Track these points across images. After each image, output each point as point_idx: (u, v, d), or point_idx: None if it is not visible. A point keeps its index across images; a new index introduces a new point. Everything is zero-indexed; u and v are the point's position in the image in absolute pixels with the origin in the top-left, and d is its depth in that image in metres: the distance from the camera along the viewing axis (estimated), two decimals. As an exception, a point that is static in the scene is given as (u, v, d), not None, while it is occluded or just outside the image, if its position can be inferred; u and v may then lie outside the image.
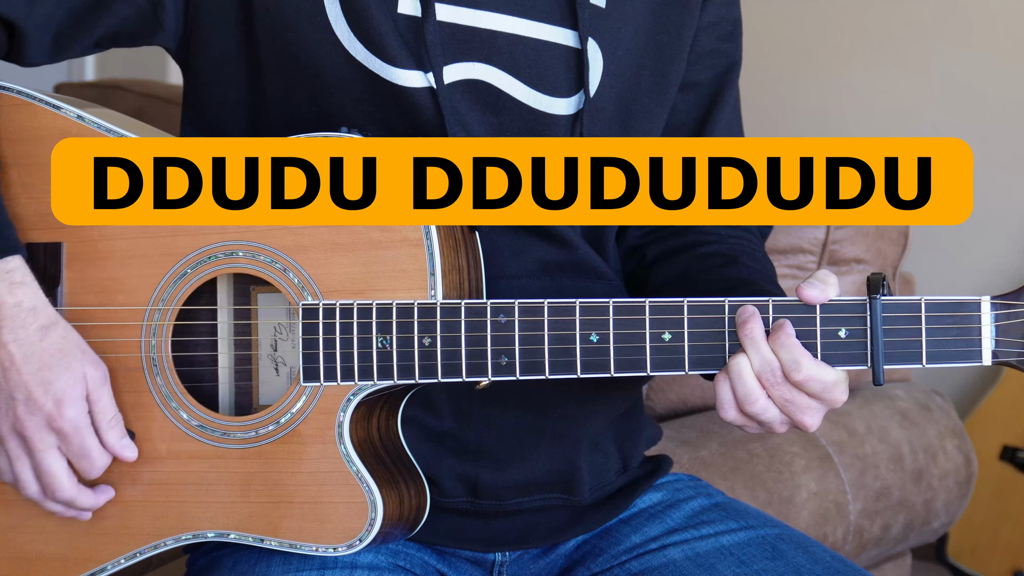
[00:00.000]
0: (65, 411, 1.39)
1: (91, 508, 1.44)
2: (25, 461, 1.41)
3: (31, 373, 1.38)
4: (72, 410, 1.39)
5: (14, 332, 1.38)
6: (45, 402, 1.38)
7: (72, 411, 1.39)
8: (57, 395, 1.38)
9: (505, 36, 1.46)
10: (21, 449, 1.40)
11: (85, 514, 1.45)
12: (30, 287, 1.40)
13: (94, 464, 1.41)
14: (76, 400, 1.39)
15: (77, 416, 1.39)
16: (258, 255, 1.41)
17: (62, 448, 1.40)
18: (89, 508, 1.44)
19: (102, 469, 1.42)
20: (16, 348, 1.38)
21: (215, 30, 1.48)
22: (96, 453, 1.41)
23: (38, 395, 1.38)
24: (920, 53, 3.42)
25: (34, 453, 1.40)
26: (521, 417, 1.50)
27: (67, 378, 1.39)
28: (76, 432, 1.40)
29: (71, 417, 1.39)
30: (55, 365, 1.39)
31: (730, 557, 1.51)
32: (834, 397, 1.33)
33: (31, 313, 1.39)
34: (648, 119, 1.55)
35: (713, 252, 1.56)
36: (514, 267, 1.48)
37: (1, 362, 1.38)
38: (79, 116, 1.46)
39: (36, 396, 1.38)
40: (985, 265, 3.35)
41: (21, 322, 1.38)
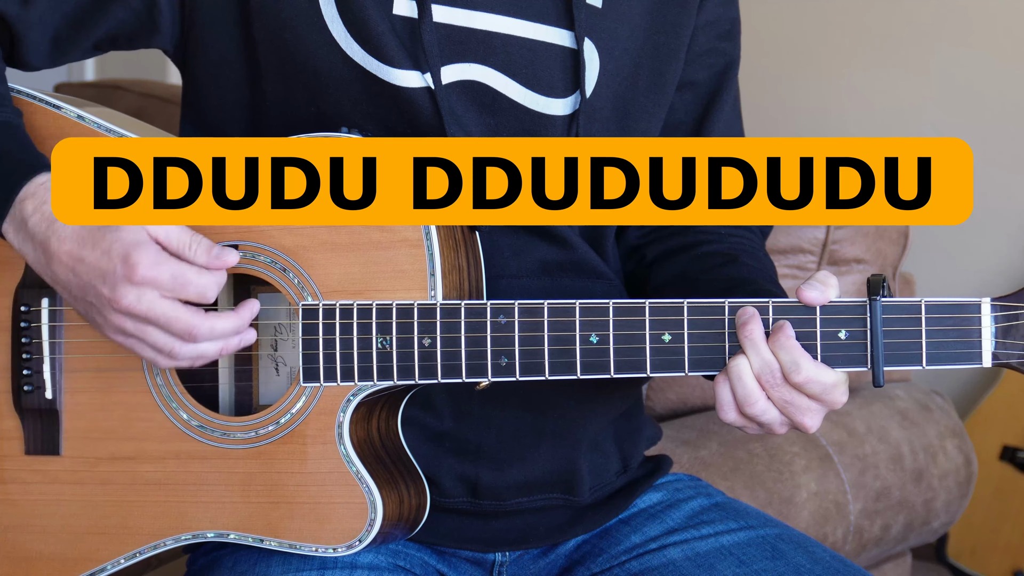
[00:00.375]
0: (135, 259, 1.32)
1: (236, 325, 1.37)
2: (151, 331, 1.35)
3: (92, 252, 1.34)
4: (141, 254, 1.33)
5: (60, 233, 1.35)
6: (115, 266, 1.33)
7: (142, 254, 1.33)
8: (121, 252, 1.33)
9: (501, 37, 1.46)
10: (138, 322, 1.35)
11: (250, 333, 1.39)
12: None
13: (199, 286, 1.34)
14: (141, 245, 1.33)
15: (150, 256, 1.33)
16: (258, 255, 1.41)
17: (163, 292, 1.34)
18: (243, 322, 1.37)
19: (214, 287, 1.35)
20: (69, 245, 1.35)
21: (213, 32, 1.48)
22: (193, 275, 1.34)
23: (106, 265, 1.33)
24: (920, 53, 3.42)
25: (144, 314, 1.34)
26: (521, 417, 1.51)
27: (123, 233, 1.34)
28: (158, 269, 1.33)
29: (143, 260, 1.33)
30: (107, 232, 1.34)
31: (730, 557, 1.51)
32: (834, 399, 1.32)
33: None
34: (646, 119, 1.55)
35: (713, 252, 1.56)
36: (514, 267, 1.48)
37: (68, 267, 1.35)
38: (79, 116, 1.46)
39: (106, 267, 1.33)
40: (985, 265, 3.35)
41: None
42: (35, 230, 1.37)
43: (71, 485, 1.47)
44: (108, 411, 1.47)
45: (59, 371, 1.48)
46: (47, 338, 1.48)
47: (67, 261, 1.35)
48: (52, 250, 1.36)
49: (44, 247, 1.36)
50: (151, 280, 1.33)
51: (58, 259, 1.36)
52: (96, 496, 1.47)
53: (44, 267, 1.38)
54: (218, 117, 1.53)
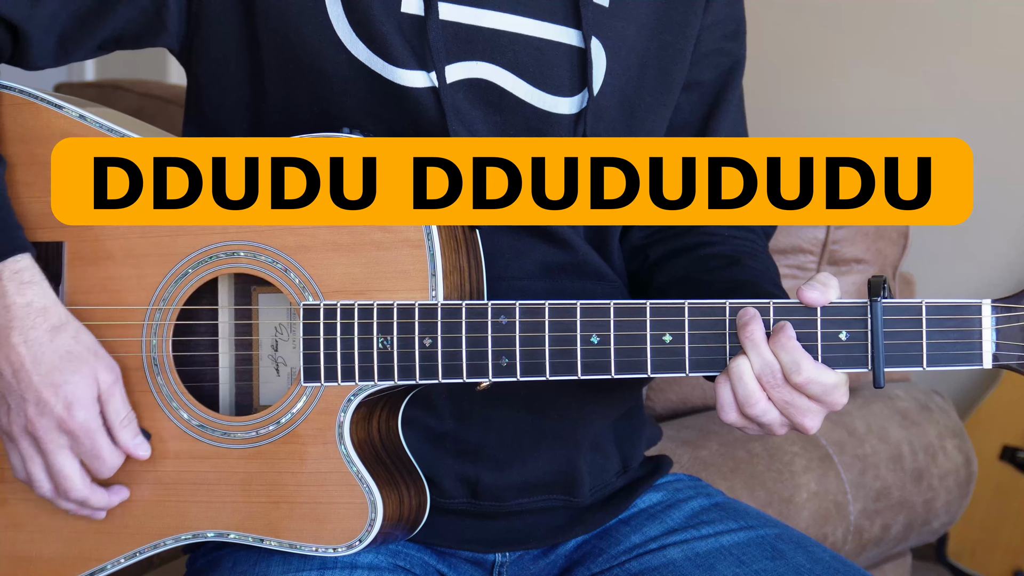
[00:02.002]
0: (76, 413, 1.38)
1: (104, 507, 1.44)
2: (37, 461, 1.41)
3: (41, 375, 1.38)
4: (82, 412, 1.39)
5: (24, 333, 1.38)
6: (55, 404, 1.38)
7: (82, 413, 1.39)
8: (67, 398, 1.38)
9: (508, 35, 1.46)
10: (33, 449, 1.40)
11: (99, 513, 1.44)
12: (40, 286, 1.40)
13: (105, 464, 1.41)
14: (87, 402, 1.39)
15: (88, 418, 1.39)
16: (259, 255, 1.41)
17: (74, 448, 1.40)
18: (103, 507, 1.44)
19: (114, 469, 1.42)
20: (26, 350, 1.38)
21: (217, 31, 1.48)
22: (107, 453, 1.41)
23: (48, 397, 1.38)
24: (920, 53, 3.42)
25: (46, 454, 1.40)
26: (521, 418, 1.50)
27: (77, 380, 1.39)
28: (87, 434, 1.39)
29: (82, 419, 1.39)
30: (65, 367, 1.38)
31: (730, 557, 1.51)
32: (834, 400, 1.32)
33: (41, 313, 1.39)
34: (652, 118, 1.55)
35: (715, 253, 1.56)
36: (515, 268, 1.48)
37: (12, 363, 1.38)
38: (81, 115, 1.46)
39: (46, 398, 1.38)
40: (985, 265, 3.35)
41: (31, 323, 1.38)
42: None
43: (71, 485, 1.47)
44: (108, 411, 1.46)
45: (59, 371, 1.48)
46: (47, 338, 1.47)
47: (14, 360, 1.38)
48: (6, 339, 1.38)
49: (2, 332, 1.38)
50: (75, 436, 1.39)
51: (7, 352, 1.38)
52: (96, 496, 1.47)
53: None
54: (221, 116, 1.52)
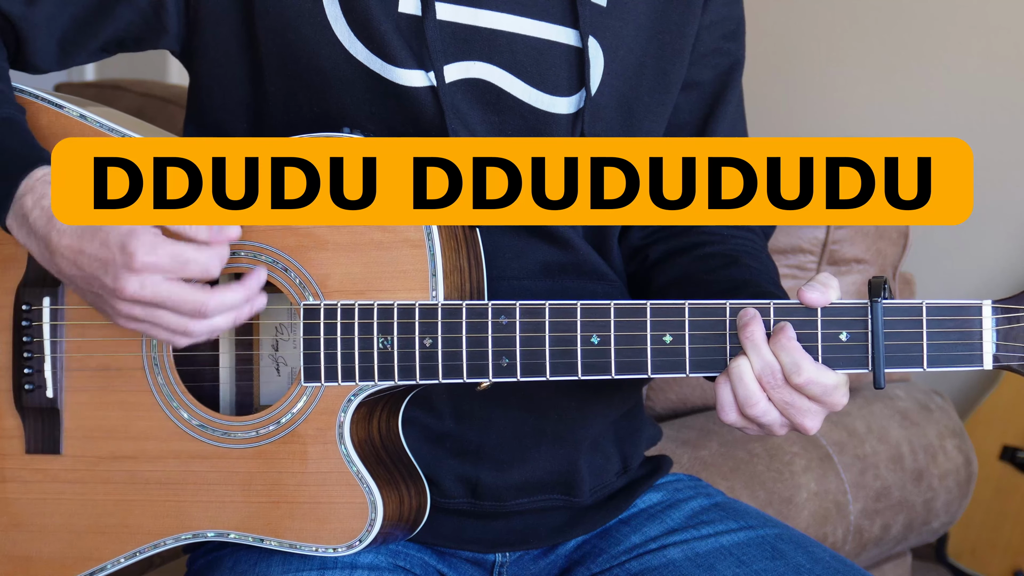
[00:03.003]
0: (132, 247, 1.32)
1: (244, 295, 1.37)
2: (160, 312, 1.34)
3: (91, 244, 1.34)
4: (137, 241, 1.32)
5: (60, 227, 1.35)
6: (114, 255, 1.32)
7: (138, 241, 1.32)
8: (118, 241, 1.32)
9: (506, 35, 1.46)
10: (146, 307, 1.34)
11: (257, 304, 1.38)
12: None
13: (201, 263, 1.34)
14: (136, 231, 1.33)
15: (146, 241, 1.32)
16: (260, 255, 1.41)
17: (166, 273, 1.33)
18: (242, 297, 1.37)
19: (211, 263, 1.34)
20: (69, 239, 1.35)
21: (216, 31, 1.48)
22: (191, 253, 1.33)
23: (105, 255, 1.33)
24: (920, 53, 3.42)
25: (151, 299, 1.33)
26: (521, 418, 1.50)
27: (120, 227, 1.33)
28: (155, 253, 1.32)
29: (140, 246, 1.32)
30: (108, 231, 1.33)
31: (730, 557, 1.51)
32: (834, 400, 1.33)
33: None
34: (650, 118, 1.55)
35: (715, 253, 1.56)
36: (515, 268, 1.48)
37: (70, 260, 1.35)
38: (81, 115, 1.46)
39: (105, 257, 1.33)
40: (985, 265, 3.35)
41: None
42: (36, 225, 1.37)
43: (71, 484, 1.47)
44: (109, 410, 1.47)
45: (60, 370, 1.48)
46: (48, 337, 1.48)
47: (69, 255, 1.35)
48: (53, 244, 1.36)
49: (46, 242, 1.36)
50: (151, 265, 1.32)
51: (60, 253, 1.36)
52: (96, 495, 1.47)
53: (48, 262, 1.38)
54: (221, 116, 1.53)
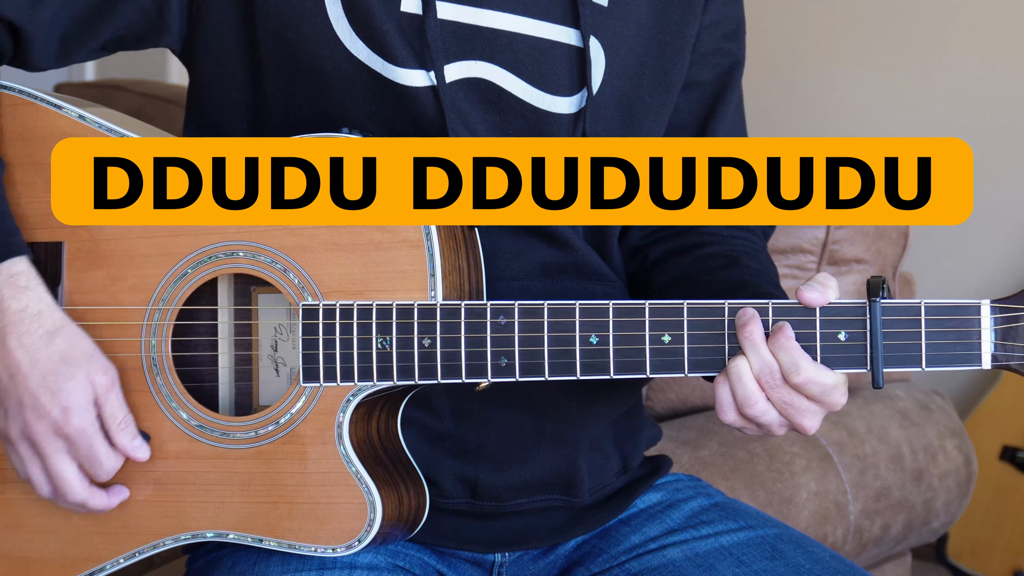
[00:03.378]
0: (72, 418, 1.38)
1: (104, 509, 1.44)
2: (36, 463, 1.41)
3: (37, 380, 1.38)
4: (78, 418, 1.39)
5: (19, 338, 1.38)
6: (52, 409, 1.38)
7: (78, 419, 1.39)
8: (64, 403, 1.38)
9: (507, 35, 1.46)
10: (31, 452, 1.40)
11: (100, 512, 1.44)
12: (35, 291, 1.40)
13: (103, 468, 1.41)
14: (83, 407, 1.39)
15: (84, 423, 1.39)
16: (258, 255, 1.41)
17: (71, 452, 1.40)
18: (102, 509, 1.44)
19: (113, 471, 1.42)
20: (22, 354, 1.38)
21: (217, 30, 1.48)
22: (104, 457, 1.41)
23: (45, 402, 1.38)
24: (920, 53, 3.42)
25: (44, 458, 1.40)
26: (521, 418, 1.50)
27: (73, 385, 1.39)
28: (83, 438, 1.39)
29: (77, 424, 1.39)
30: (61, 372, 1.38)
31: (729, 557, 1.51)
32: (833, 400, 1.32)
33: (36, 318, 1.39)
34: (651, 118, 1.55)
35: (715, 253, 1.56)
36: (515, 269, 1.48)
37: (8, 368, 1.38)
38: (80, 116, 1.46)
39: (43, 403, 1.38)
40: (985, 265, 3.35)
41: (26, 328, 1.38)
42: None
43: (71, 485, 1.47)
44: (108, 411, 1.47)
45: (59, 371, 1.48)
46: (47, 338, 1.47)
47: (10, 364, 1.38)
48: (7, 344, 1.38)
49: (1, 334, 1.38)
50: (72, 440, 1.39)
51: (8, 352, 1.38)
52: (96, 496, 1.47)
53: None
54: (221, 116, 1.52)
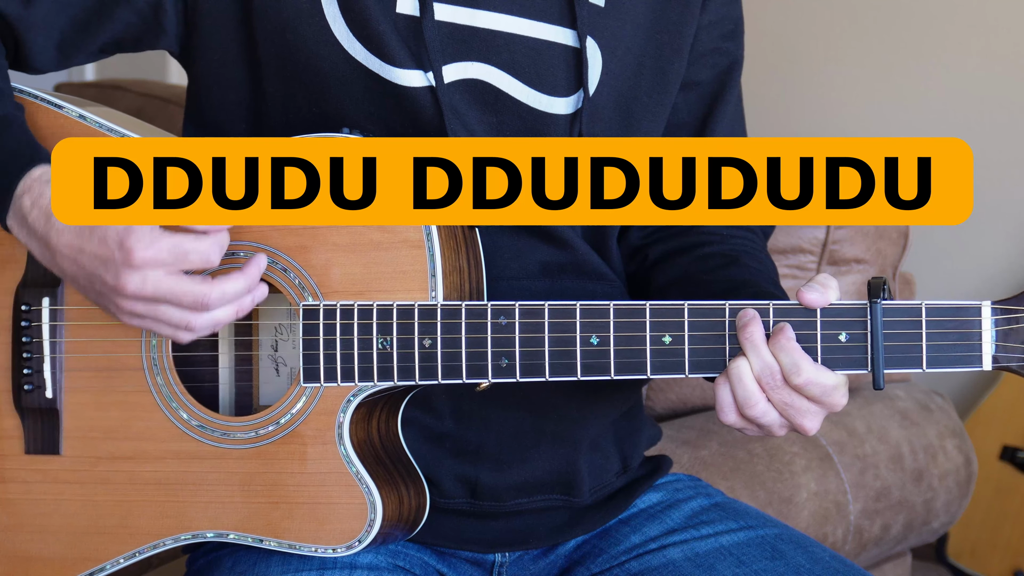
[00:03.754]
0: (130, 243, 1.32)
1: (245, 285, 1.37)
2: (162, 307, 1.34)
3: (90, 243, 1.34)
4: (134, 237, 1.32)
5: (59, 226, 1.35)
6: (112, 252, 1.32)
7: (135, 238, 1.32)
8: (116, 239, 1.32)
9: (504, 35, 1.46)
10: (148, 304, 1.34)
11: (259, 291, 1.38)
12: None
13: (200, 252, 1.34)
14: (133, 228, 1.33)
15: (143, 237, 1.32)
16: (258, 255, 1.41)
17: (167, 269, 1.33)
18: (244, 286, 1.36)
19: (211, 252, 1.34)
20: (68, 237, 1.35)
21: (215, 32, 1.48)
22: (190, 243, 1.33)
23: (104, 253, 1.33)
24: (920, 53, 3.42)
25: (152, 295, 1.33)
26: (521, 418, 1.50)
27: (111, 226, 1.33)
28: (153, 248, 1.32)
29: (137, 242, 1.32)
30: (97, 226, 1.34)
31: (729, 557, 1.51)
32: (834, 401, 1.32)
33: None
34: (649, 118, 1.55)
35: (714, 253, 1.56)
36: (515, 269, 1.48)
37: (70, 259, 1.35)
38: (81, 115, 1.46)
39: (104, 255, 1.33)
40: (985, 265, 3.35)
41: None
42: (35, 225, 1.37)
43: (71, 484, 1.47)
44: (108, 411, 1.47)
45: (59, 370, 1.48)
46: (47, 337, 1.48)
47: (68, 253, 1.35)
48: (53, 244, 1.36)
49: (45, 241, 1.37)
50: (150, 260, 1.32)
51: (60, 252, 1.36)
52: (96, 496, 1.47)
53: (51, 261, 1.38)
54: (220, 117, 1.53)
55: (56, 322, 1.48)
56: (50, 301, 1.47)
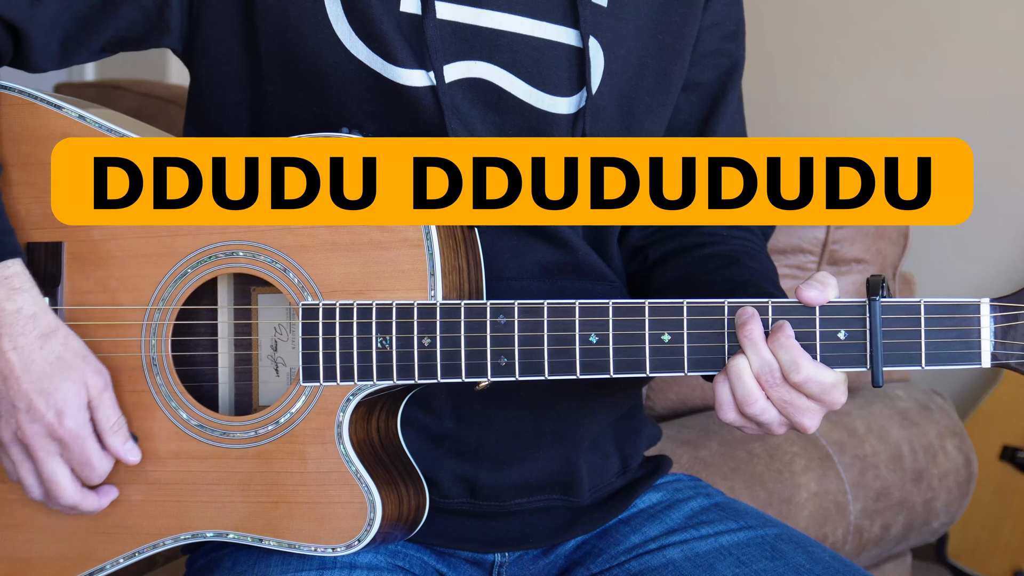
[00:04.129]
0: (65, 421, 1.39)
1: (96, 511, 1.44)
2: (28, 466, 1.41)
3: (31, 382, 1.38)
4: (72, 420, 1.39)
5: (13, 340, 1.38)
6: (46, 412, 1.38)
7: (72, 421, 1.39)
8: (57, 405, 1.38)
9: (506, 35, 1.46)
10: (24, 455, 1.41)
11: (92, 513, 1.45)
12: (29, 293, 1.40)
13: (95, 470, 1.42)
14: (77, 409, 1.39)
15: (77, 425, 1.39)
16: (258, 255, 1.41)
17: (64, 455, 1.40)
18: (93, 511, 1.44)
19: (105, 474, 1.42)
20: (15, 356, 1.38)
21: (217, 30, 1.48)
22: (97, 460, 1.41)
23: (39, 404, 1.38)
24: (920, 53, 3.42)
25: (36, 461, 1.40)
26: (521, 418, 1.50)
27: (67, 387, 1.39)
28: (76, 441, 1.40)
29: (71, 427, 1.39)
30: (55, 374, 1.38)
31: (729, 557, 1.51)
32: (833, 399, 1.32)
33: (31, 320, 1.39)
34: (651, 118, 1.55)
35: (714, 253, 1.56)
36: (514, 269, 1.48)
37: (1, 371, 1.38)
38: (80, 116, 1.46)
39: (37, 405, 1.38)
40: (985, 265, 3.35)
41: (20, 329, 1.38)
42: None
43: (71, 485, 1.47)
44: (108, 411, 1.47)
45: (59, 371, 1.48)
46: (47, 338, 1.48)
47: (3, 367, 1.38)
48: (2, 347, 1.38)
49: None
50: (65, 443, 1.39)
51: (1, 354, 1.38)
52: (96, 496, 1.47)
53: None
54: (221, 116, 1.52)
55: (56, 322, 1.48)
56: (49, 302, 1.47)
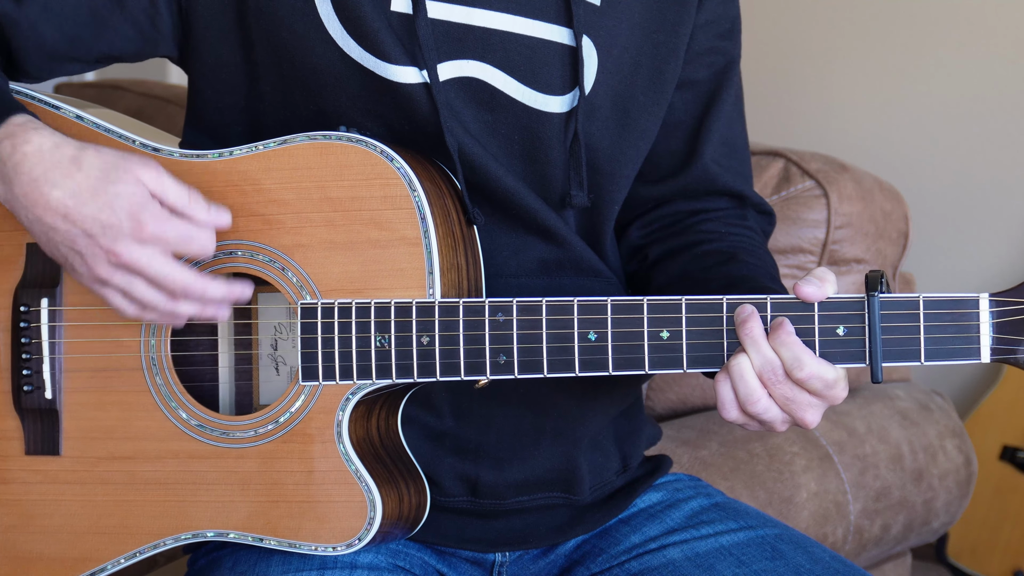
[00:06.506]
0: (143, 218, 1.33)
1: (225, 294, 1.37)
2: (140, 282, 1.35)
3: (90, 205, 1.33)
4: (148, 213, 1.33)
5: (49, 176, 1.34)
6: (120, 221, 1.32)
7: (148, 214, 1.33)
8: (128, 209, 1.32)
9: (499, 34, 1.47)
10: (128, 275, 1.34)
11: (223, 311, 1.39)
12: (42, 130, 1.36)
13: (198, 240, 1.35)
14: (145, 203, 1.33)
15: (157, 215, 1.33)
16: (257, 254, 1.41)
17: (163, 248, 1.34)
18: (222, 295, 1.37)
19: (209, 243, 1.36)
20: (61, 192, 1.33)
21: (210, 34, 1.48)
22: (195, 231, 1.35)
23: (109, 219, 1.32)
24: (920, 53, 3.42)
25: (143, 270, 1.34)
26: (521, 416, 1.51)
27: (124, 189, 1.33)
28: (166, 229, 1.33)
29: (153, 220, 1.33)
30: (107, 186, 1.33)
31: (729, 557, 1.51)
32: (835, 394, 1.32)
33: (55, 150, 1.34)
34: (645, 117, 1.55)
35: (712, 250, 1.56)
36: (513, 266, 1.48)
37: (56, 211, 1.33)
38: (78, 116, 1.46)
39: (109, 221, 1.32)
40: (985, 265, 3.35)
41: (50, 163, 1.34)
42: (15, 171, 1.34)
43: (71, 485, 1.48)
44: (107, 411, 1.47)
45: (59, 371, 1.48)
46: (47, 338, 1.48)
47: (57, 207, 1.33)
48: (38, 193, 1.33)
49: (29, 190, 1.34)
50: (158, 238, 1.33)
51: (45, 204, 1.33)
52: (96, 496, 1.47)
53: (23, 208, 1.35)
54: (220, 118, 1.53)
55: (55, 323, 1.48)
56: (49, 302, 1.47)
